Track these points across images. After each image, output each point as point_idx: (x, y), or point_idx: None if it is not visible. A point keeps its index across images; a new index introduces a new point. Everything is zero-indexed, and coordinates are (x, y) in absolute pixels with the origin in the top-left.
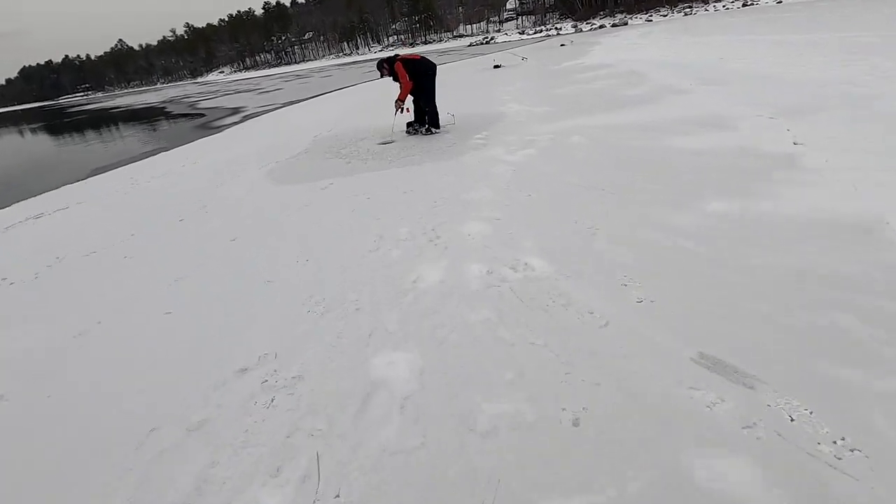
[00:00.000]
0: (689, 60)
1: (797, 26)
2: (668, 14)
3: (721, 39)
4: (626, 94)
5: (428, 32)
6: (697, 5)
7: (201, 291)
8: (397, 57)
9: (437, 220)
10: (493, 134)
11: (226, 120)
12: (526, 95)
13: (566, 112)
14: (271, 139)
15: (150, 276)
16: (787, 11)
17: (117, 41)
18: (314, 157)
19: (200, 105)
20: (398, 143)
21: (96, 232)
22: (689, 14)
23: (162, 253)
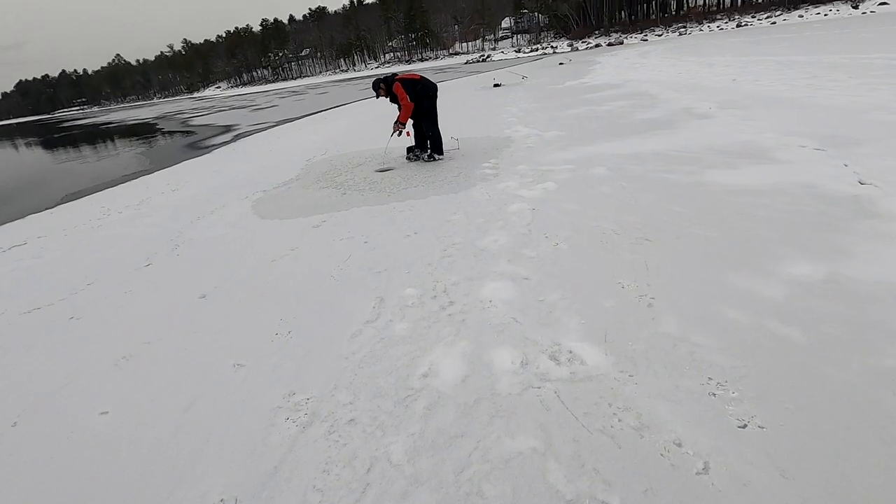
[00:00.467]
0: (699, 81)
1: (800, 47)
2: (662, 34)
3: (726, 60)
4: (640, 117)
5: (424, 50)
6: (692, 25)
7: (150, 379)
8: (396, 76)
9: (449, 276)
10: (502, 162)
11: (216, 139)
12: (532, 117)
13: (580, 137)
14: (261, 162)
15: (93, 350)
16: (781, 32)
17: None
18: (306, 186)
19: (192, 122)
20: (398, 170)
21: (48, 278)
22: (683, 34)
23: (115, 313)
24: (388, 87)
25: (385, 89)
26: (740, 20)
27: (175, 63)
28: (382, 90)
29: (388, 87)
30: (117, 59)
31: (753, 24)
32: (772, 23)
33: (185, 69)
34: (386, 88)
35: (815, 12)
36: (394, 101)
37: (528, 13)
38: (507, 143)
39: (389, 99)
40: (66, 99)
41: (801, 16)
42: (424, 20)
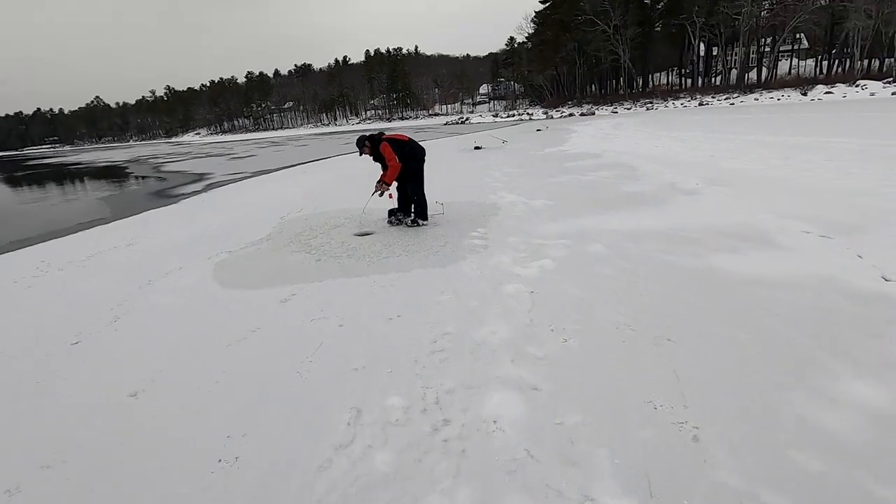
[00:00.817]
0: (676, 155)
1: (764, 128)
2: (631, 108)
3: (697, 136)
4: (626, 189)
5: (405, 109)
6: (658, 101)
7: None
8: (383, 136)
9: (441, 380)
10: (491, 232)
11: (187, 188)
12: (517, 183)
13: (569, 208)
14: (232, 216)
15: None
16: (742, 113)
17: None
18: (278, 248)
19: (165, 168)
20: (379, 235)
21: None
22: (650, 109)
23: (14, 422)
24: (373, 146)
25: (370, 147)
26: (702, 99)
27: (156, 108)
28: (367, 148)
29: (373, 145)
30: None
31: (713, 104)
32: (730, 104)
33: (165, 114)
34: (371, 146)
35: (768, 96)
36: (378, 161)
37: (504, 81)
38: (493, 211)
39: (373, 157)
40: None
41: (756, 98)
42: (406, 82)
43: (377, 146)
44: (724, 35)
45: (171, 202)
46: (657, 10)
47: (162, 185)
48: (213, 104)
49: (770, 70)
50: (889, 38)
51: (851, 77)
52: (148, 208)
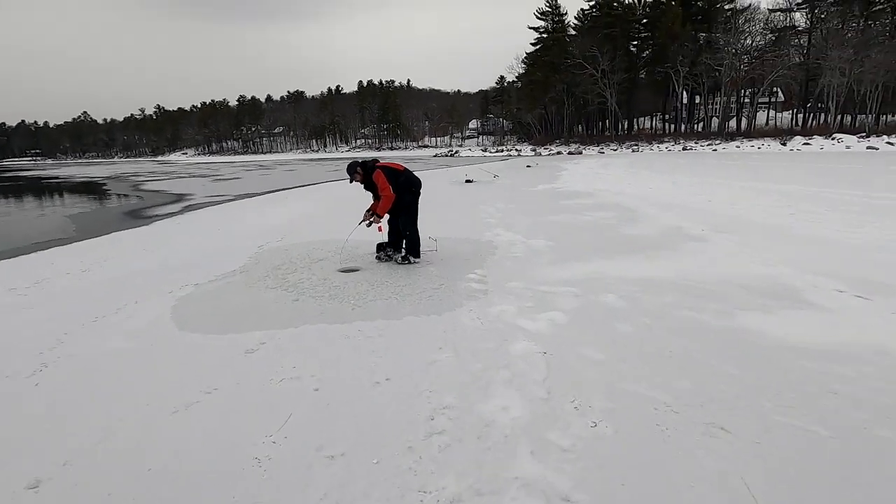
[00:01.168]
0: (673, 199)
1: (752, 175)
2: (617, 149)
3: (689, 180)
4: (628, 232)
5: (394, 140)
6: (643, 144)
7: None
8: (377, 163)
9: (442, 480)
10: (490, 274)
11: (163, 208)
12: (513, 220)
13: (572, 250)
14: (206, 243)
15: None
16: (726, 159)
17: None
18: (251, 283)
19: (145, 186)
20: (365, 272)
21: None
22: (636, 151)
23: None
24: (366, 173)
25: (363, 174)
26: (685, 144)
27: (144, 125)
28: (359, 175)
29: (366, 172)
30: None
31: (697, 149)
32: (713, 150)
33: (153, 132)
34: (364, 174)
35: (749, 145)
36: (369, 189)
37: (493, 118)
38: (490, 249)
39: (364, 185)
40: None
41: (737, 146)
42: (397, 113)
43: (370, 174)
44: (706, 84)
45: (143, 223)
46: (643, 58)
47: (138, 204)
48: (202, 125)
49: (749, 120)
50: (861, 96)
51: (827, 130)
52: (117, 229)
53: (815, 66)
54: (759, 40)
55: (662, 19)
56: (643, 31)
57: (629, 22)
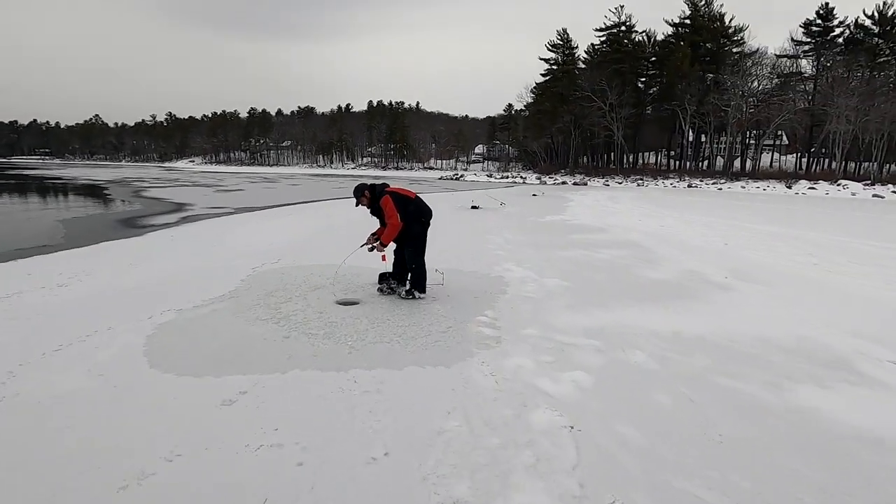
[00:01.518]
0: (688, 239)
1: (765, 217)
2: (622, 182)
3: (702, 219)
4: (648, 275)
5: (400, 160)
6: (648, 179)
7: None
8: (387, 187)
9: None
10: (503, 317)
11: (159, 218)
12: (523, 254)
13: (588, 293)
14: (197, 261)
15: None
16: (732, 199)
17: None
18: (238, 311)
19: (146, 193)
20: (365, 306)
21: None
22: (641, 185)
23: None
24: (373, 197)
25: (369, 199)
26: (690, 181)
27: (153, 131)
28: (366, 198)
29: (373, 196)
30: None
31: (702, 187)
32: (718, 189)
33: (162, 138)
34: (371, 198)
35: (754, 186)
36: (375, 215)
37: (499, 144)
38: (501, 287)
39: (371, 211)
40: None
41: (743, 187)
42: (404, 134)
43: (378, 198)
44: (712, 124)
45: (135, 234)
46: (649, 95)
47: (135, 211)
48: (211, 134)
49: (753, 161)
50: (865, 144)
51: (832, 176)
52: (107, 238)
53: (820, 113)
54: (765, 84)
55: (671, 58)
56: (651, 68)
57: (638, 59)
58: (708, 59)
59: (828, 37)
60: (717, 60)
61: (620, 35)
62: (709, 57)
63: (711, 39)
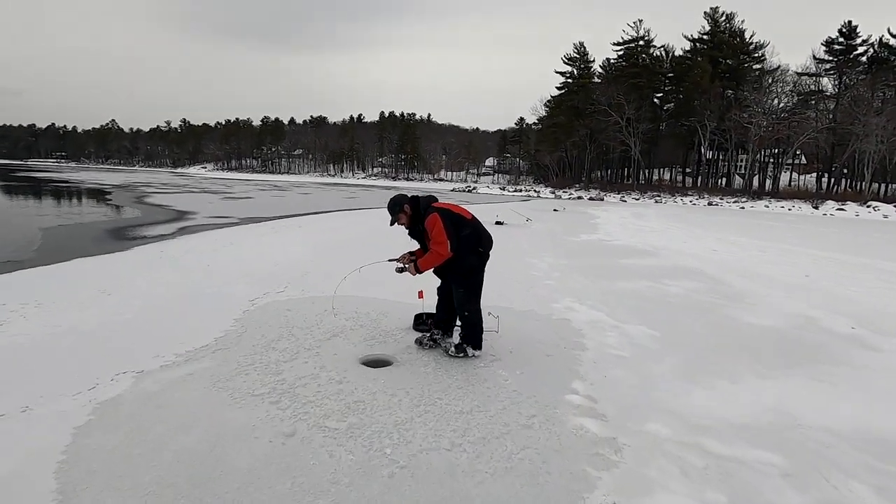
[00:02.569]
0: (755, 266)
1: (821, 242)
2: (639, 198)
3: (748, 241)
4: (748, 320)
5: (411, 171)
6: (665, 196)
7: None
8: (433, 203)
9: None
10: (602, 395)
11: (155, 228)
12: (577, 285)
13: (693, 349)
14: (181, 289)
15: None
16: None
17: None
18: (223, 380)
19: (149, 199)
20: (401, 369)
21: None
22: (658, 202)
23: None
24: (415, 214)
25: (410, 216)
26: (710, 199)
27: (168, 137)
28: (405, 216)
29: (416, 212)
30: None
31: (723, 205)
32: (740, 207)
33: (176, 144)
34: (412, 215)
35: (778, 205)
36: (415, 237)
37: (510, 157)
38: (573, 337)
39: (409, 232)
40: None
41: (766, 206)
42: (416, 145)
43: (423, 217)
44: (733, 141)
45: (121, 247)
46: (665, 111)
47: (130, 220)
48: (224, 141)
49: (772, 180)
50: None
51: (860, 197)
52: (85, 253)
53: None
54: (786, 101)
55: (690, 74)
56: (668, 84)
57: (655, 73)
58: (728, 75)
59: (850, 55)
60: (737, 77)
61: (638, 49)
62: (728, 73)
63: (731, 56)
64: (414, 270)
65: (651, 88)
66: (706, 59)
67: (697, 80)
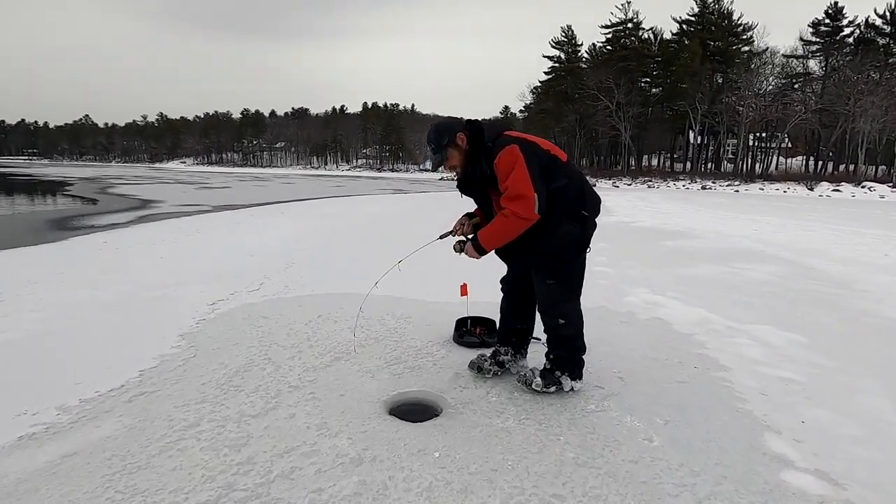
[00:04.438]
0: (809, 243)
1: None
2: (631, 184)
3: (769, 220)
4: (888, 314)
5: (396, 162)
6: (657, 181)
7: None
8: (505, 130)
9: None
10: (827, 461)
11: (108, 217)
12: (639, 274)
13: (860, 362)
14: (126, 286)
15: None
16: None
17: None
18: (135, 448)
19: (113, 190)
20: (454, 423)
21: None
22: (651, 187)
23: None
24: (475, 148)
25: (464, 151)
26: (703, 183)
27: (144, 132)
28: (459, 152)
29: (476, 145)
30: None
31: (716, 188)
32: (735, 190)
33: (153, 139)
34: (472, 147)
35: (772, 188)
36: (468, 191)
37: None
38: (698, 351)
39: (460, 181)
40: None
41: (760, 188)
42: (400, 135)
43: (489, 151)
44: (725, 124)
45: (57, 238)
46: (654, 95)
47: (86, 209)
48: (203, 135)
49: (761, 163)
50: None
51: (853, 178)
52: (11, 244)
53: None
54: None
55: (679, 56)
56: (656, 68)
57: (644, 57)
58: (717, 58)
59: (837, 37)
60: (726, 59)
61: (627, 32)
62: (719, 56)
63: (720, 38)
64: (473, 250)
65: (640, 72)
66: (696, 41)
67: (688, 63)
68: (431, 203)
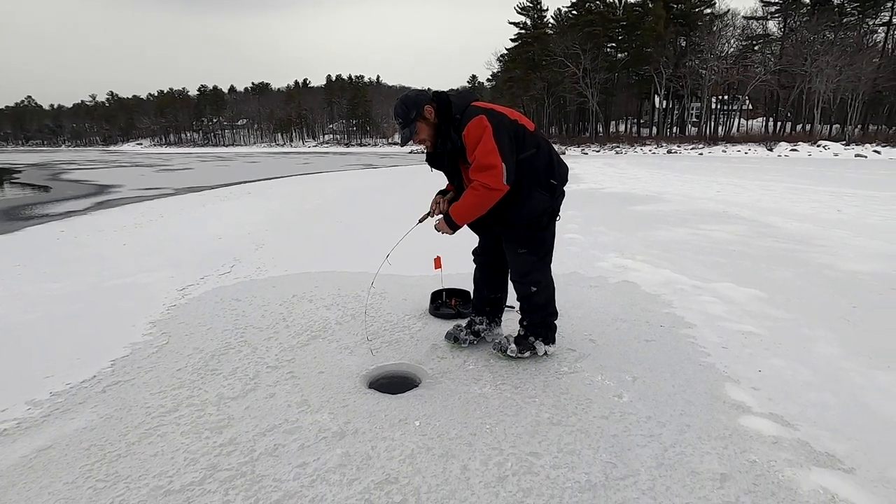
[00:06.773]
0: (775, 204)
1: (815, 179)
2: (599, 150)
3: (733, 181)
4: (844, 267)
5: (364, 136)
6: (625, 147)
7: None
8: (473, 101)
9: None
10: (784, 405)
11: (63, 205)
12: (609, 238)
13: (828, 318)
14: (76, 287)
15: None
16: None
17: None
18: (114, 436)
19: (66, 176)
20: (433, 393)
21: None
22: (619, 153)
23: None
24: (442, 117)
25: (432, 124)
26: (669, 147)
27: (94, 113)
28: (427, 125)
29: (445, 118)
30: (27, 101)
31: (682, 152)
32: (699, 153)
33: (105, 120)
34: (440, 120)
35: (734, 149)
36: (436, 164)
37: None
38: (665, 310)
39: (429, 155)
40: None
41: (723, 151)
42: (366, 108)
43: (457, 123)
44: (689, 88)
45: (10, 228)
46: (620, 60)
47: (36, 197)
48: (159, 114)
49: (724, 126)
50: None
51: (811, 138)
52: None
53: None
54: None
55: (645, 20)
56: (621, 32)
57: (609, 21)
58: (681, 20)
59: None
60: (689, 22)
61: None
62: (682, 19)
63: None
64: (446, 225)
65: (606, 37)
66: (660, 4)
67: (653, 26)
68: (402, 177)
